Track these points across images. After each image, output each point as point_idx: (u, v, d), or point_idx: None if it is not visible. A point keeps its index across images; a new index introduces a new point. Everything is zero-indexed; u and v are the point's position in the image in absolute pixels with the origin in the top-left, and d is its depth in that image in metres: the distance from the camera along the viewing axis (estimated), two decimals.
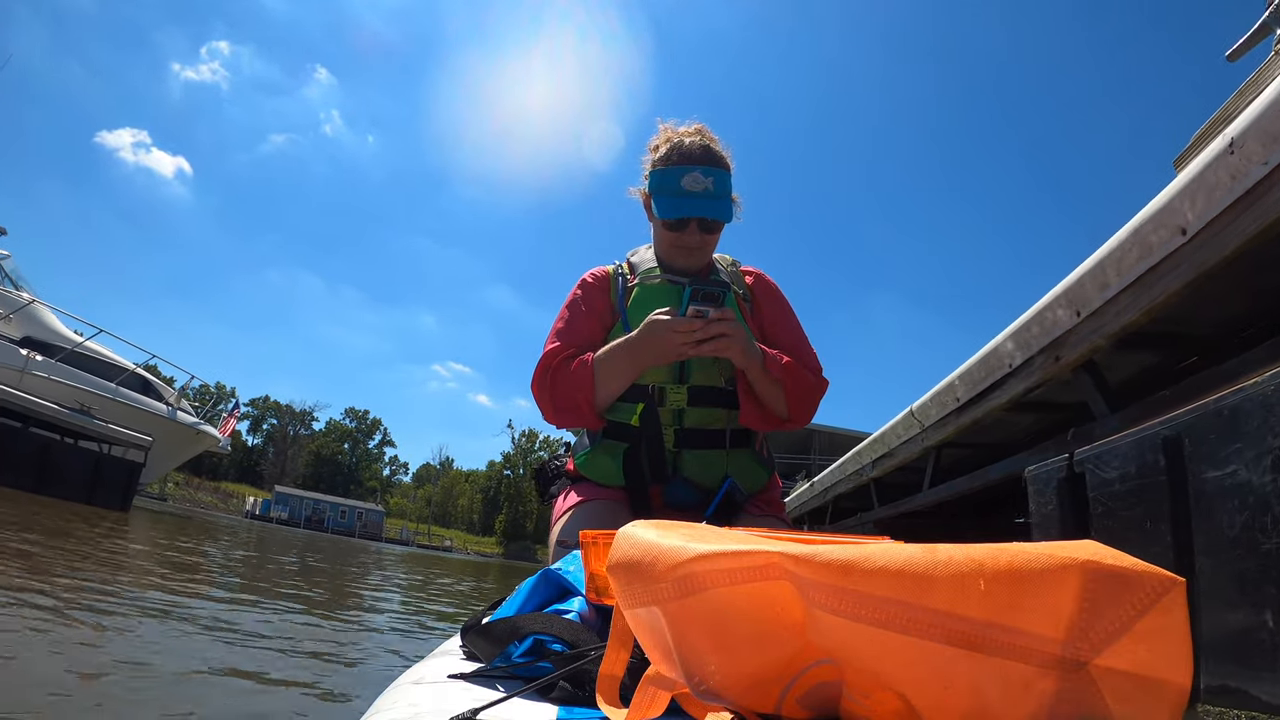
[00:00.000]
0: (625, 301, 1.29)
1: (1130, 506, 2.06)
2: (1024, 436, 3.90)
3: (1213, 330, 2.38)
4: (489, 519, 64.78)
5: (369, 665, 2.32)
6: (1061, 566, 0.28)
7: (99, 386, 14.07)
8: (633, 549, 0.43)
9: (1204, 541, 1.78)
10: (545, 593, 0.69)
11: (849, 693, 0.35)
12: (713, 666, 0.39)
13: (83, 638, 1.82)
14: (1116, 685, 0.29)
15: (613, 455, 1.26)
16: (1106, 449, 2.18)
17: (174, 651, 1.88)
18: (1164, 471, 1.95)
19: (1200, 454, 1.84)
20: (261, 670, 1.95)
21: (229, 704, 1.56)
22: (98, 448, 12.25)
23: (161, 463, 17.21)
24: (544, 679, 0.52)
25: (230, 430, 20.92)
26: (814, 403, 1.25)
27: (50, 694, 1.34)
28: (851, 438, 14.35)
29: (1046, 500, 2.44)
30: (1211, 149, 1.80)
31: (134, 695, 1.46)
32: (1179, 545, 1.85)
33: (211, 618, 2.63)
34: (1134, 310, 2.16)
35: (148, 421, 14.56)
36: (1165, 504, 1.91)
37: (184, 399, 17.53)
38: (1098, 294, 2.28)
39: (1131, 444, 2.08)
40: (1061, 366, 2.58)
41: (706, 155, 1.24)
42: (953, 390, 3.63)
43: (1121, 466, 2.12)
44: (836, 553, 0.33)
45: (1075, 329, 2.44)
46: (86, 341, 14.89)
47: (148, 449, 13.17)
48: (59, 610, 2.12)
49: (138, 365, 15.87)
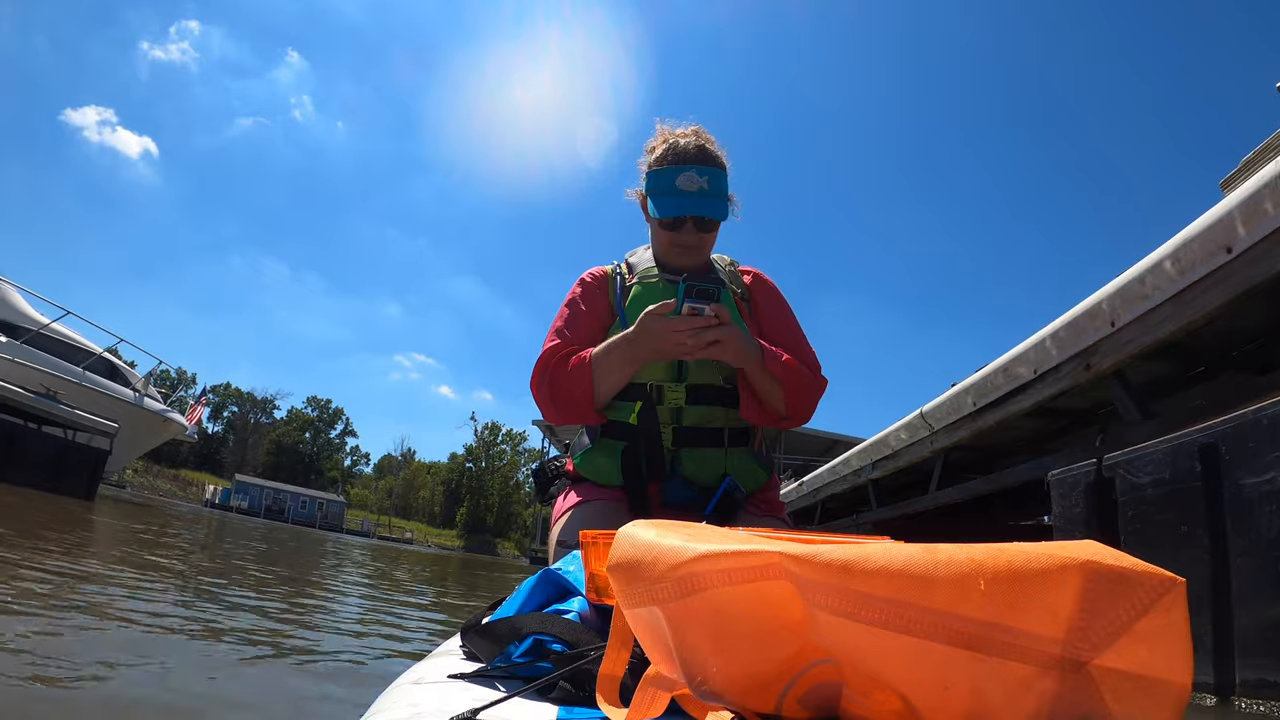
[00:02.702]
0: (623, 301, 1.35)
1: (1163, 510, 2.22)
2: (1024, 441, 4.13)
3: (1218, 343, 2.56)
4: (450, 511, 66.33)
5: (371, 664, 2.38)
6: (1061, 567, 0.30)
7: (65, 370, 14.14)
8: (633, 549, 0.45)
9: (1241, 543, 1.94)
10: (545, 593, 0.72)
11: (849, 693, 0.37)
12: (713, 666, 0.41)
13: (76, 644, 1.87)
14: (1116, 685, 0.30)
15: (611, 455, 1.31)
16: (1139, 455, 2.35)
17: (163, 654, 1.92)
18: (1200, 477, 2.09)
19: (1238, 461, 2.00)
20: (260, 670, 2.00)
21: (229, 704, 1.61)
22: (63, 434, 12.33)
23: (127, 451, 17.34)
24: (544, 679, 0.55)
25: (198, 418, 21.07)
26: (813, 401, 1.31)
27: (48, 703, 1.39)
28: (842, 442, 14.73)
29: (1072, 503, 2.61)
30: (1267, 173, 1.93)
31: (129, 697, 1.51)
32: (1215, 547, 2.01)
33: (203, 619, 2.68)
34: (1176, 321, 2.31)
35: (114, 408, 14.64)
36: (1201, 508, 2.06)
37: (151, 385, 17.63)
38: (1136, 306, 2.44)
39: (1167, 450, 2.23)
40: (1092, 374, 2.76)
41: (701, 155, 1.31)
42: (970, 394, 3.83)
43: (1155, 472, 2.27)
44: (837, 553, 0.35)
45: (1110, 338, 2.61)
46: (53, 324, 14.96)
47: (114, 436, 13.24)
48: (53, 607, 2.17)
49: (104, 349, 15.95)
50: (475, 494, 63.71)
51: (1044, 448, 4.08)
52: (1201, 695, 1.95)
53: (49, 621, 2.05)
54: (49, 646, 1.76)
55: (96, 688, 1.52)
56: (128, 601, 2.71)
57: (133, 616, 2.37)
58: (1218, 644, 1.91)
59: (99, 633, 2.06)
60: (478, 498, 63.51)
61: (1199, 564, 2.00)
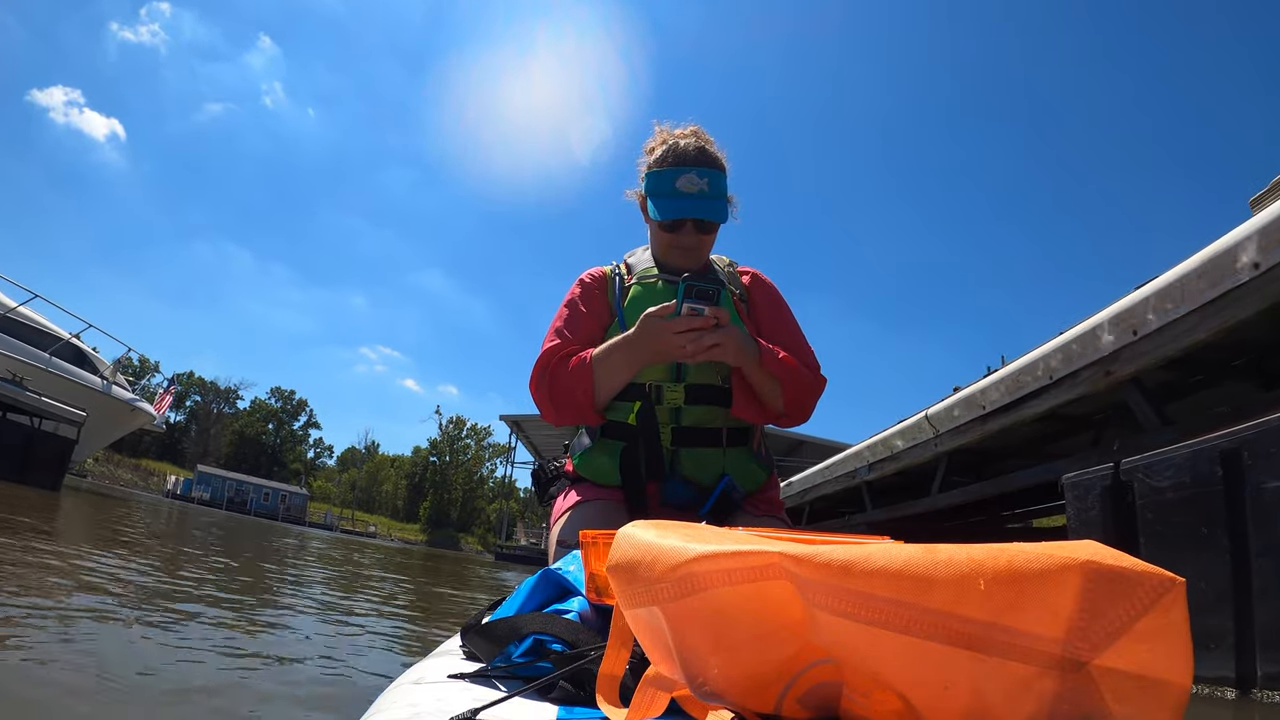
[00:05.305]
0: (622, 301, 1.39)
1: (1183, 513, 2.34)
2: (1020, 445, 4.31)
3: (1221, 353, 2.73)
4: (413, 505, 67.18)
5: (364, 666, 2.41)
6: (1061, 567, 0.31)
7: (31, 356, 14.10)
8: (633, 549, 0.46)
9: (1262, 544, 2.08)
10: (545, 593, 0.74)
11: (849, 693, 0.39)
12: (713, 667, 0.43)
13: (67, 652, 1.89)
14: (1116, 685, 0.31)
15: (610, 454, 1.34)
16: (1159, 459, 2.46)
17: (159, 660, 1.95)
18: (1221, 481, 2.21)
19: (1261, 466, 2.12)
20: (258, 670, 2.03)
21: (227, 705, 1.64)
22: (29, 421, 12.29)
23: (94, 440, 17.30)
24: (544, 679, 0.57)
25: (166, 408, 21.06)
26: (812, 400, 1.35)
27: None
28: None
29: (1088, 506, 2.74)
30: None
31: (124, 702, 1.54)
32: (1235, 548, 2.14)
33: (195, 618, 2.71)
34: (1200, 332, 2.48)
35: (81, 395, 14.61)
36: (1222, 510, 2.19)
37: (119, 373, 17.61)
38: (1163, 315, 2.63)
39: (1187, 455, 2.35)
40: (1111, 380, 2.93)
41: (701, 157, 1.34)
42: (981, 398, 3.99)
43: (1176, 476, 2.39)
44: (837, 553, 0.36)
45: (1132, 345, 2.79)
46: (19, 307, 14.90)
47: (81, 425, 13.21)
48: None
49: (71, 335, 15.91)
50: (439, 488, 64.77)
51: (1041, 451, 4.29)
52: (1223, 689, 2.08)
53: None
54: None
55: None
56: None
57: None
58: (1239, 639, 2.06)
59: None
60: (441, 492, 64.59)
61: (1220, 564, 2.14)
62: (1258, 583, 2.05)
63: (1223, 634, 2.08)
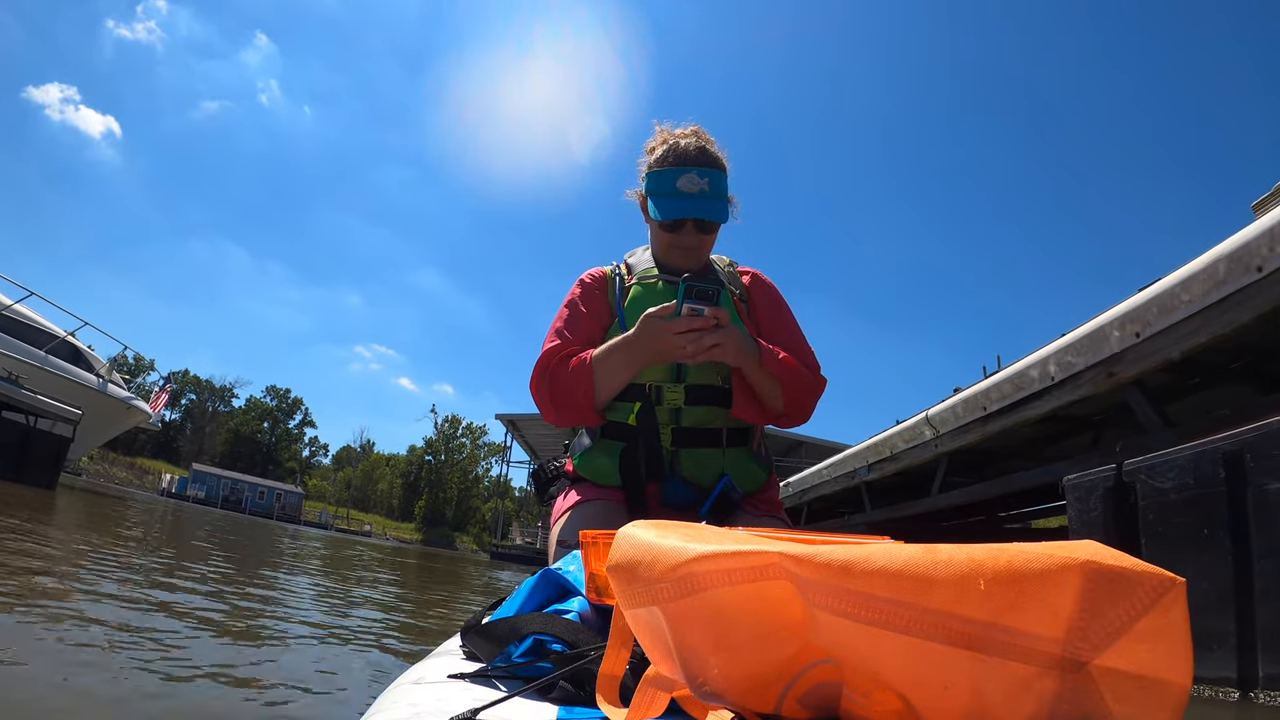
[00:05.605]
0: (622, 301, 1.40)
1: (1185, 515, 2.37)
2: (1019, 447, 4.37)
3: (1219, 356, 2.78)
4: (409, 504, 67.42)
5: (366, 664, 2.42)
6: (1061, 567, 0.31)
7: (27, 354, 14.12)
8: (633, 549, 0.47)
9: (1264, 545, 2.11)
10: (545, 593, 0.75)
11: (849, 693, 0.39)
12: (713, 667, 0.43)
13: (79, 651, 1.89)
14: (1117, 685, 0.32)
15: (610, 455, 1.35)
16: (1162, 461, 2.48)
17: (167, 656, 1.96)
18: (1224, 483, 2.24)
19: (1263, 468, 2.14)
20: (255, 669, 2.03)
21: (225, 707, 1.64)
22: (24, 420, 12.31)
23: (89, 438, 17.33)
24: (544, 679, 0.57)
25: (161, 406, 21.06)
26: (812, 401, 1.36)
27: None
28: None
29: (1090, 507, 2.77)
30: None
31: (122, 701, 1.54)
32: (1238, 549, 2.18)
33: (194, 615, 2.71)
34: (1202, 335, 2.52)
35: (77, 394, 14.63)
36: (1224, 512, 2.22)
37: (114, 371, 17.63)
38: (1166, 317, 2.66)
39: (1190, 457, 2.38)
40: (1113, 382, 2.98)
41: (702, 156, 1.35)
42: (982, 399, 4.05)
43: (1179, 478, 2.41)
44: (837, 553, 0.36)
45: (1136, 347, 2.84)
46: (15, 305, 14.91)
47: (77, 423, 13.23)
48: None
49: (67, 333, 15.92)
50: (434, 487, 65.04)
51: (1040, 453, 4.35)
52: (1225, 690, 2.09)
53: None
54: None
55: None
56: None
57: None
58: (1241, 640, 2.08)
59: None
60: (436, 491, 64.84)
61: (1221, 565, 2.17)
62: (1259, 584, 2.07)
63: (1224, 635, 2.10)
